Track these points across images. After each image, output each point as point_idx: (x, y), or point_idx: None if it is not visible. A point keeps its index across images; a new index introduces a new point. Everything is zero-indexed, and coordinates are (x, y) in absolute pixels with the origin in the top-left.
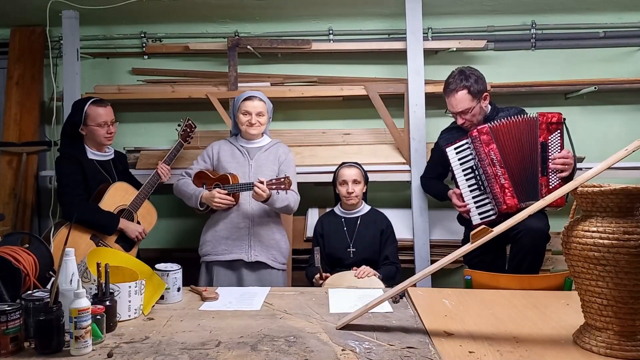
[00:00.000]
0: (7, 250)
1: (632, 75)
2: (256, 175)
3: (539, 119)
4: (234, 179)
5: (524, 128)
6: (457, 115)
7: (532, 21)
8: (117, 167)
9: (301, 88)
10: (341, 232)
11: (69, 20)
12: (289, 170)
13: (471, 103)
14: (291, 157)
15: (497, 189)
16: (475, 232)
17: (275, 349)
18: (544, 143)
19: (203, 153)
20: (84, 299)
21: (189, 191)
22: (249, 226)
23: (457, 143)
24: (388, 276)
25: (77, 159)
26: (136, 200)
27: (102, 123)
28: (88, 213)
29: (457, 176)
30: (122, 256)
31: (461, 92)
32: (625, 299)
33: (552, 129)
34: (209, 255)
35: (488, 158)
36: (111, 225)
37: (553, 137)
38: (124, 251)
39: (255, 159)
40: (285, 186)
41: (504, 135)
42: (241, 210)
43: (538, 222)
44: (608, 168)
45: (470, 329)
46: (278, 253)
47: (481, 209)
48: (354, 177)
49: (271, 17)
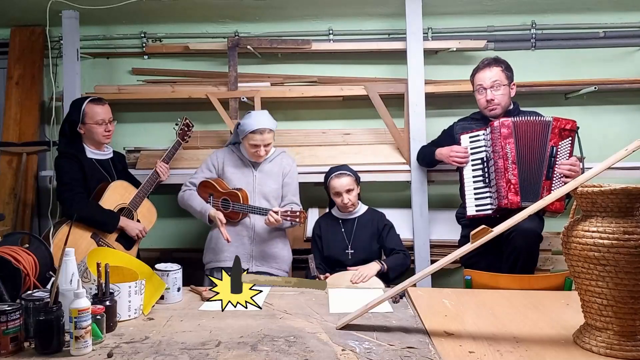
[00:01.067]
0: (7, 250)
1: (632, 75)
2: (260, 187)
3: (553, 122)
4: (244, 197)
5: (538, 129)
6: (487, 90)
7: (532, 21)
8: (117, 167)
9: (301, 88)
10: (339, 234)
11: (69, 20)
12: (292, 182)
13: (503, 80)
14: (295, 168)
15: (503, 183)
16: (476, 232)
17: (275, 349)
18: (554, 147)
19: (207, 161)
20: (84, 299)
21: (195, 206)
22: (251, 236)
23: (474, 132)
24: (395, 264)
25: (77, 158)
26: (136, 198)
27: (100, 121)
28: (89, 211)
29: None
30: (122, 256)
31: (496, 68)
32: (625, 299)
33: (564, 135)
34: (212, 262)
35: (503, 151)
36: (112, 223)
37: (563, 143)
38: (125, 249)
39: (259, 169)
40: (300, 220)
41: (523, 134)
42: (245, 221)
43: (530, 223)
44: (608, 168)
45: (470, 329)
46: (281, 262)
47: (479, 202)
48: (347, 187)
49: (271, 17)
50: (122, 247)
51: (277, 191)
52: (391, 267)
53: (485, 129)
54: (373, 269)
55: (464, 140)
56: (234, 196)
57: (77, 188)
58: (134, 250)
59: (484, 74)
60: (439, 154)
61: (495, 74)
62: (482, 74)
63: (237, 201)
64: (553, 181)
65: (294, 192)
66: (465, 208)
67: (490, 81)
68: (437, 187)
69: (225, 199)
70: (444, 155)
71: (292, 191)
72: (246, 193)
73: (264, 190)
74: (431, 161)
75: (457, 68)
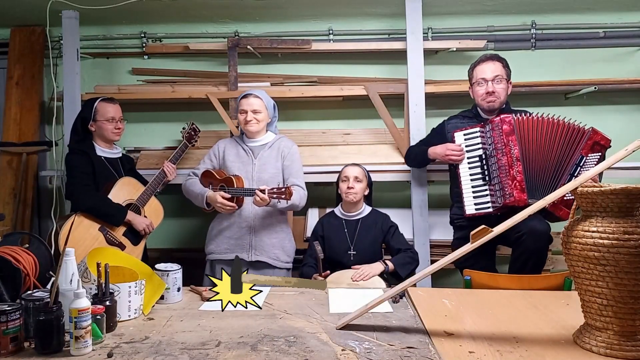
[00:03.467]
0: (7, 250)
1: (632, 75)
2: (259, 174)
3: (591, 133)
4: (239, 182)
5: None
6: (489, 83)
7: (532, 21)
8: (125, 166)
9: (301, 88)
10: (342, 234)
11: (69, 20)
12: (292, 165)
13: (505, 75)
14: (295, 149)
15: (508, 180)
16: (476, 232)
17: (275, 349)
18: (584, 157)
19: (210, 152)
20: (84, 299)
21: (196, 191)
22: (250, 225)
23: (468, 130)
24: (404, 262)
25: (87, 154)
26: (143, 195)
27: (110, 118)
28: (96, 202)
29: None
30: (122, 256)
31: (497, 62)
32: (625, 299)
33: (595, 149)
34: (213, 253)
35: (506, 147)
36: (119, 216)
37: (592, 157)
38: (132, 245)
39: (258, 157)
40: (286, 197)
41: (528, 131)
42: (244, 210)
43: (541, 224)
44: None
45: (470, 329)
46: (281, 252)
47: (478, 200)
48: (356, 174)
49: (271, 17)
50: (129, 242)
51: (277, 176)
52: (399, 265)
53: (481, 126)
54: (376, 268)
55: (459, 138)
56: (229, 182)
57: (85, 181)
58: (141, 245)
59: (486, 66)
60: (432, 153)
61: (498, 68)
62: (485, 66)
63: (232, 186)
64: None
65: (296, 174)
66: (461, 208)
67: (492, 74)
68: (437, 187)
69: (222, 186)
70: (438, 153)
71: (294, 173)
72: (241, 178)
73: (263, 176)
74: (423, 160)
75: (457, 68)
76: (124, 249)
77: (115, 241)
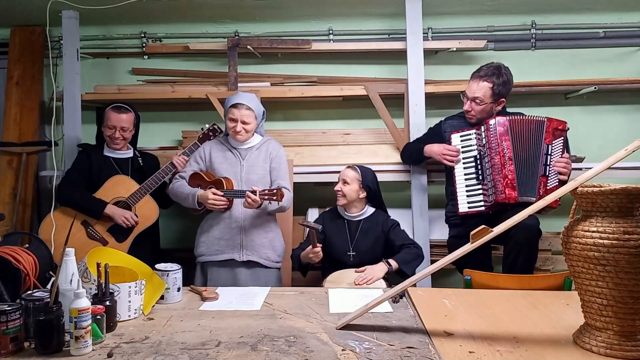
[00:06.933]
0: (7, 250)
1: (632, 75)
2: (248, 175)
3: (547, 122)
4: (229, 184)
5: (533, 128)
6: (468, 100)
7: (532, 21)
8: (134, 165)
9: (301, 88)
10: (343, 234)
11: (69, 20)
12: (280, 167)
13: (487, 98)
14: (282, 153)
15: (500, 178)
16: (475, 232)
17: (275, 349)
18: (549, 145)
19: (195, 154)
20: (84, 299)
21: (185, 191)
22: (241, 225)
23: (465, 131)
24: (408, 260)
25: (88, 152)
26: (136, 193)
27: (110, 126)
28: (75, 196)
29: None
30: (122, 256)
31: (485, 83)
32: (625, 299)
33: (556, 135)
34: (203, 255)
35: (499, 148)
36: (97, 209)
37: (556, 142)
38: (116, 241)
39: (246, 158)
40: (277, 198)
41: (519, 132)
42: (233, 210)
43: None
44: (608, 168)
45: (470, 329)
46: (271, 252)
47: (471, 198)
48: (345, 177)
49: (271, 17)
50: (113, 239)
51: (265, 178)
52: (403, 263)
53: (477, 128)
54: (379, 271)
55: (455, 140)
56: (219, 184)
57: (72, 176)
58: (128, 242)
59: (474, 84)
60: (429, 150)
61: (481, 90)
62: (472, 83)
63: (222, 188)
64: (549, 178)
65: (283, 177)
66: (455, 206)
67: (472, 94)
68: (437, 187)
69: (211, 188)
70: (435, 152)
71: (281, 175)
72: (231, 180)
73: (251, 178)
74: (418, 158)
75: (457, 68)
76: (106, 244)
77: (96, 236)
